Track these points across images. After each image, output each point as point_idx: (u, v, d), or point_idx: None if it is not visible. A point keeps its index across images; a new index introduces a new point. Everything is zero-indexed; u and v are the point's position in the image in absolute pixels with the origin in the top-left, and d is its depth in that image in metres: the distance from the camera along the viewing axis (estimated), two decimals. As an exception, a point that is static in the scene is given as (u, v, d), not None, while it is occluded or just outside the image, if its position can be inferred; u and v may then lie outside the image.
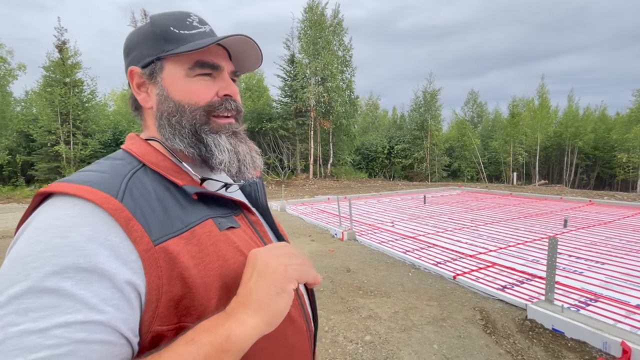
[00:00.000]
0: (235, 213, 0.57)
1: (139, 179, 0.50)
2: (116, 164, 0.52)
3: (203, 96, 0.56)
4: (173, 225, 0.47)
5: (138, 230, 0.43)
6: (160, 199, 0.49)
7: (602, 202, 9.95)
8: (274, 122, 20.75)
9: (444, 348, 2.56)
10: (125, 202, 0.44)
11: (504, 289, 3.53)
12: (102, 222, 0.41)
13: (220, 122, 0.57)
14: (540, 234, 5.98)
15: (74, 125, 17.53)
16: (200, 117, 0.55)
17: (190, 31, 0.56)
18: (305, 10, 20.51)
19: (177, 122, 0.55)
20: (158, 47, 0.55)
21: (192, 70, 0.55)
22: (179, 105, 0.55)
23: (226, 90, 0.57)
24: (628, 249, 4.97)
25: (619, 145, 25.89)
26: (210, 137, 0.56)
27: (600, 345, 2.43)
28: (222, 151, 0.56)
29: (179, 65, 0.55)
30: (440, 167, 26.40)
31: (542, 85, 28.33)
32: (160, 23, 0.56)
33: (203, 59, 0.55)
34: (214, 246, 0.50)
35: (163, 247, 0.44)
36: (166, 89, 0.55)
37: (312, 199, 11.37)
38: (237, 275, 0.49)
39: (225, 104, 0.57)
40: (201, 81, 0.56)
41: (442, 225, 6.90)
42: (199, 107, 0.55)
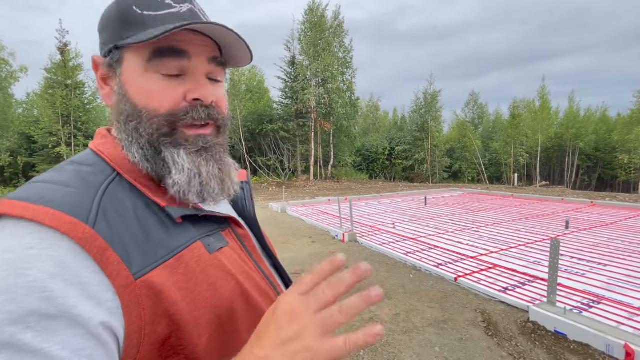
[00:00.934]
0: (222, 228, 0.50)
1: (114, 194, 0.41)
2: (84, 172, 0.42)
3: (164, 100, 0.44)
4: (156, 252, 0.39)
5: (115, 263, 0.36)
6: (140, 220, 0.40)
7: (603, 203, 9.91)
8: (274, 124, 20.79)
9: (445, 350, 2.54)
10: (98, 228, 0.36)
11: (506, 291, 3.51)
12: (69, 255, 0.33)
13: (188, 133, 0.45)
14: (541, 235, 5.96)
15: (75, 127, 17.60)
16: (159, 127, 0.44)
17: (157, 12, 0.44)
18: (305, 12, 20.57)
19: (134, 129, 0.44)
20: (118, 32, 0.44)
21: (151, 63, 0.43)
22: (136, 109, 0.44)
23: (194, 93, 0.45)
24: (630, 250, 4.94)
25: (621, 146, 25.86)
26: (169, 151, 0.45)
27: (603, 347, 2.41)
28: (179, 170, 0.44)
29: (137, 57, 0.43)
30: (441, 169, 26.38)
31: (542, 87, 28.35)
32: (123, 1, 0.45)
33: (162, 44, 0.42)
34: (204, 273, 0.42)
35: (145, 281, 0.37)
36: (124, 86, 0.45)
37: (312, 201, 11.36)
38: (229, 304, 0.44)
39: (191, 112, 0.45)
40: (163, 81, 0.44)
41: (443, 226, 6.88)
42: (159, 114, 0.44)
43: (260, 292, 0.49)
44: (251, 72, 24.01)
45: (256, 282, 0.49)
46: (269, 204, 10.39)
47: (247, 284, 0.47)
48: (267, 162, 21.44)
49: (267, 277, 0.53)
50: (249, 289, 0.47)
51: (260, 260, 0.54)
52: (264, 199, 12.31)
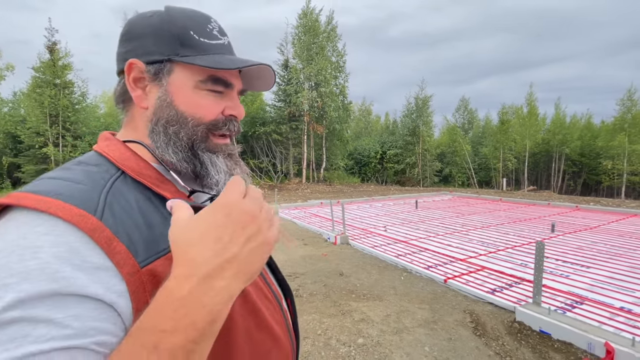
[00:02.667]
0: None
1: (119, 190, 0.44)
2: (91, 171, 0.45)
3: (209, 112, 0.52)
4: (158, 244, 0.43)
5: (122, 252, 0.38)
6: (143, 214, 0.44)
7: (588, 207, 10.20)
8: (267, 126, 20.77)
9: (435, 350, 2.60)
10: (105, 220, 0.39)
11: (494, 292, 3.60)
12: (79, 243, 0.36)
13: (217, 141, 0.54)
14: (528, 238, 6.11)
15: (64, 127, 17.26)
16: (201, 133, 0.52)
17: (210, 40, 0.52)
18: (299, 16, 20.70)
19: (174, 133, 0.51)
20: (171, 48, 0.50)
21: (204, 84, 0.51)
22: (182, 116, 0.51)
23: (233, 111, 0.55)
24: (612, 253, 5.11)
25: (604, 152, 26.60)
26: (207, 155, 0.53)
27: (585, 346, 2.51)
28: (218, 172, 0.53)
29: (190, 74, 0.50)
30: (431, 173, 26.70)
31: (530, 93, 29.04)
32: (179, 22, 0.51)
33: (218, 75, 0.51)
34: None
35: (150, 270, 0.40)
36: (171, 95, 0.50)
37: (305, 203, 11.38)
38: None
39: (229, 125, 0.54)
40: (210, 96, 0.52)
41: (434, 229, 6.98)
42: (203, 122, 0.52)
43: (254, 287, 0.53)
44: (244, 74, 23.96)
45: (259, 285, 0.54)
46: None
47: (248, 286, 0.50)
48: (260, 165, 21.39)
49: (262, 275, 0.57)
50: (250, 291, 0.51)
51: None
52: (256, 201, 12.26)
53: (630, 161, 24.53)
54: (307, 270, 4.46)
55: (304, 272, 4.39)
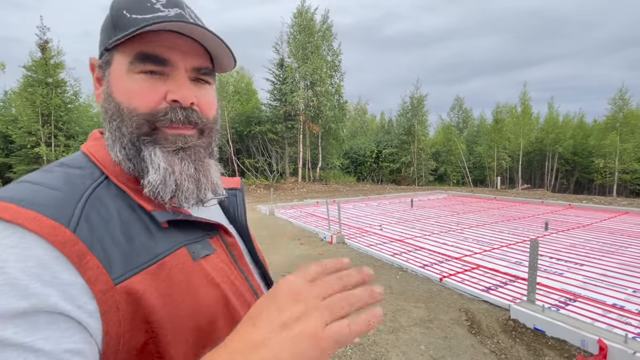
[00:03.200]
0: (210, 235, 0.49)
1: (100, 198, 0.41)
2: (72, 175, 0.42)
3: (144, 100, 0.44)
4: (138, 257, 0.39)
5: (94, 268, 0.35)
6: (124, 224, 0.40)
7: (580, 205, 10.33)
8: (262, 126, 20.69)
9: (430, 349, 2.61)
10: (80, 232, 0.36)
11: (489, 290, 3.62)
12: (48, 257, 0.33)
13: (168, 132, 0.46)
14: (522, 236, 6.16)
15: (56, 127, 17.04)
16: (139, 126, 0.45)
17: (145, 14, 0.44)
18: (294, 15, 20.63)
19: (117, 128, 0.45)
20: (108, 36, 0.46)
21: (134, 65, 0.44)
22: (119, 108, 0.45)
23: (174, 94, 0.45)
24: (605, 250, 5.18)
25: (596, 151, 26.93)
26: (147, 149, 0.45)
27: (579, 343, 2.54)
28: (155, 169, 0.44)
29: (122, 59, 0.45)
30: (427, 171, 26.82)
31: (524, 93, 29.30)
32: (116, 5, 0.46)
33: (145, 50, 0.43)
34: (186, 281, 0.42)
35: (125, 287, 0.37)
36: (110, 86, 0.46)
37: (301, 203, 11.37)
38: (210, 313, 0.43)
39: (170, 114, 0.45)
40: (144, 81, 0.44)
41: (429, 228, 7.02)
42: (139, 113, 0.44)
43: (243, 303, 0.48)
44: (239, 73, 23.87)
45: (240, 292, 0.48)
46: (257, 206, 10.33)
47: (230, 294, 0.46)
48: (255, 164, 21.31)
49: (253, 288, 0.52)
50: (232, 299, 0.46)
51: (248, 270, 0.53)
52: (251, 201, 12.24)
53: (622, 160, 24.88)
54: (303, 269, 4.46)
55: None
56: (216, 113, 0.52)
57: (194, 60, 0.47)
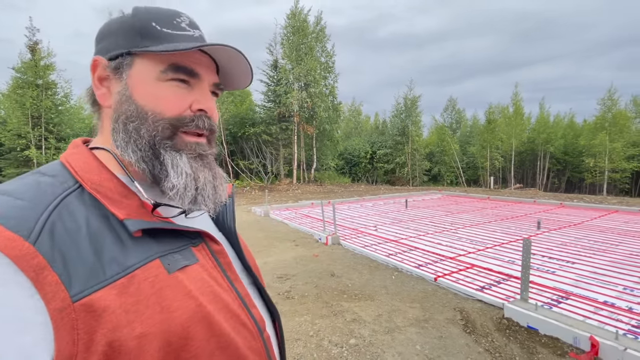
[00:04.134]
0: (193, 244, 0.48)
1: (68, 208, 0.39)
2: (43, 183, 0.41)
3: (172, 106, 0.47)
4: (105, 271, 0.37)
5: (52, 284, 0.34)
6: (92, 236, 0.39)
7: (572, 204, 10.48)
8: (257, 127, 20.64)
9: (426, 349, 2.63)
10: (40, 245, 0.34)
11: (483, 290, 3.66)
12: (2, 272, 0.32)
13: (187, 139, 0.48)
14: (515, 235, 6.23)
15: (46, 129, 16.79)
16: (163, 129, 0.47)
17: (174, 31, 0.48)
18: (288, 16, 20.65)
19: (134, 129, 0.46)
20: (132, 41, 0.47)
21: (165, 74, 0.46)
22: (141, 110, 0.46)
23: (200, 104, 0.48)
24: (595, 248, 5.26)
25: (587, 150, 27.35)
26: (169, 154, 0.47)
27: (571, 340, 2.57)
28: (178, 174, 0.46)
29: (151, 65, 0.47)
30: (421, 172, 26.98)
31: (516, 93, 29.64)
32: (142, 15, 0.48)
33: (179, 63, 0.47)
34: (157, 295, 0.40)
35: (84, 304, 0.35)
36: (130, 89, 0.47)
37: (295, 204, 11.36)
38: (183, 330, 0.40)
39: (197, 121, 0.48)
40: (174, 88, 0.47)
41: (423, 228, 7.06)
42: (165, 117, 0.46)
43: (228, 314, 0.46)
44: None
45: (225, 303, 0.47)
46: (251, 208, 10.29)
47: (211, 306, 0.44)
48: (250, 166, 21.23)
49: (241, 297, 0.50)
50: (213, 312, 0.44)
51: (236, 279, 0.52)
52: (246, 202, 12.18)
53: (611, 159, 25.31)
54: (299, 271, 4.45)
55: (295, 273, 4.37)
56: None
57: (214, 76, 0.52)
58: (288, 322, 3.07)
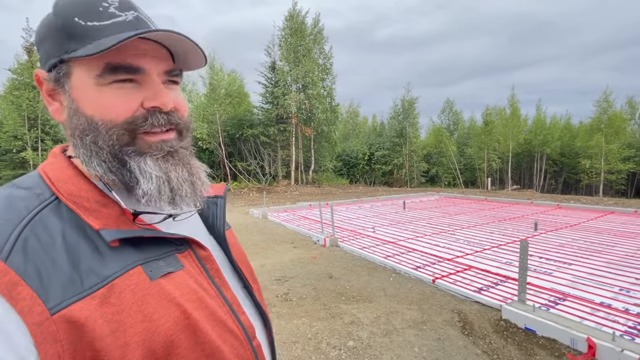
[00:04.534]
0: (179, 250, 0.47)
1: (43, 222, 0.38)
2: (16, 197, 0.40)
3: (120, 110, 0.43)
4: (83, 282, 0.37)
5: (27, 298, 0.33)
6: (69, 248, 0.38)
7: (568, 205, 10.53)
8: (255, 129, 20.63)
9: (424, 351, 2.63)
10: (12, 261, 0.34)
11: (480, 291, 3.66)
12: None
13: (150, 139, 0.45)
14: (513, 237, 6.25)
15: (43, 131, 16.73)
16: (119, 137, 0.43)
17: (102, 22, 0.42)
18: (286, 18, 20.69)
19: (91, 142, 0.43)
20: (61, 45, 0.42)
21: (103, 78, 0.42)
22: (92, 121, 0.43)
23: (152, 101, 0.44)
24: (592, 250, 5.29)
25: (583, 152, 27.53)
26: (134, 160, 0.44)
27: (569, 341, 2.58)
28: (147, 178, 0.44)
29: (86, 71, 0.42)
30: (418, 173, 27.05)
31: (512, 95, 29.85)
32: (62, 11, 0.43)
33: (116, 61, 0.42)
34: (139, 303, 0.39)
35: (64, 315, 0.34)
36: (75, 101, 0.43)
37: (294, 206, 11.35)
38: (167, 338, 0.40)
39: (151, 119, 0.44)
40: (117, 91, 0.43)
41: (421, 230, 7.07)
42: (116, 124, 0.43)
43: (214, 322, 0.45)
44: (230, 76, 23.78)
45: (212, 310, 0.46)
46: (249, 209, 10.27)
47: (197, 313, 0.43)
48: (247, 167, 21.20)
49: (229, 304, 0.49)
50: (199, 319, 0.43)
51: (223, 284, 0.50)
52: (244, 204, 12.16)
53: (607, 160, 25.49)
54: (297, 273, 4.44)
55: (294, 275, 4.37)
56: (189, 112, 0.51)
57: (164, 64, 0.46)
58: (286, 324, 3.06)
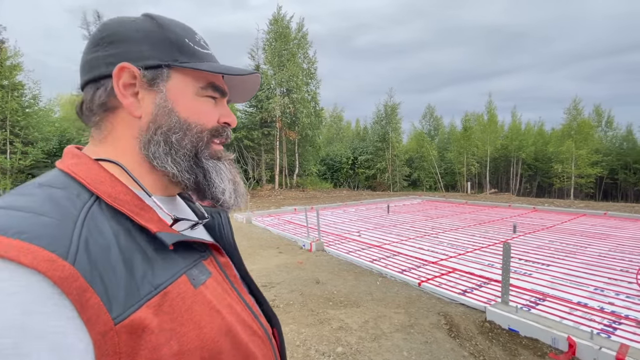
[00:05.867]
0: (203, 257, 0.48)
1: (95, 223, 0.37)
2: (57, 196, 0.37)
3: (210, 119, 0.51)
4: (139, 290, 0.36)
5: (94, 306, 0.32)
6: (123, 251, 0.37)
7: (544, 208, 10.98)
8: (238, 132, 20.39)
9: (413, 354, 2.64)
10: (79, 264, 0.32)
11: (465, 293, 3.74)
12: (43, 299, 0.29)
13: (217, 148, 0.53)
14: (493, 239, 6.44)
15: (12, 133, 15.84)
16: (203, 139, 0.50)
17: (202, 49, 0.51)
18: (270, 22, 20.69)
19: (177, 141, 0.47)
20: (169, 54, 0.47)
21: (204, 90, 0.50)
22: (185, 122, 0.48)
23: (228, 118, 0.54)
24: (567, 251, 5.52)
25: (555, 157, 28.89)
26: (210, 162, 0.50)
27: (550, 341, 2.66)
28: (223, 180, 0.51)
29: (190, 81, 0.49)
30: (401, 177, 27.51)
31: (489, 102, 30.99)
32: (172, 29, 0.49)
33: (217, 83, 0.51)
34: (189, 311, 0.40)
35: (126, 325, 0.34)
36: (171, 102, 0.47)
37: (278, 210, 11.25)
38: (215, 344, 0.40)
39: (226, 132, 0.54)
40: (208, 103, 0.51)
41: (406, 233, 7.16)
42: (206, 129, 0.50)
43: (243, 326, 0.47)
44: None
45: (239, 315, 0.47)
46: (233, 214, 10.09)
47: (231, 319, 0.45)
48: (230, 171, 20.91)
49: (250, 308, 0.51)
50: (234, 325, 0.45)
51: (242, 290, 0.52)
52: (227, 209, 11.94)
53: (577, 165, 26.82)
54: (283, 279, 4.38)
55: (280, 281, 4.30)
56: None
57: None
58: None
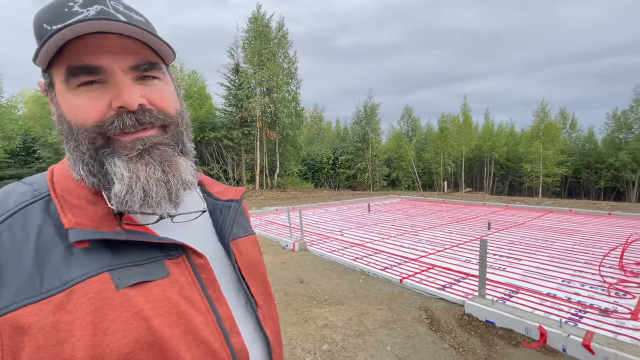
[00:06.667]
0: (170, 256, 0.44)
1: (26, 217, 0.38)
2: (15, 192, 0.42)
3: (88, 114, 0.41)
4: (43, 284, 0.35)
5: None
6: (40, 246, 0.37)
7: (515, 206, 11.52)
8: (217, 132, 20.04)
9: (396, 349, 2.71)
10: None
11: (444, 288, 3.87)
12: None
13: (125, 139, 0.43)
14: (469, 236, 6.69)
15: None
16: (92, 140, 0.42)
17: (64, 21, 0.39)
18: (250, 20, 20.44)
19: (75, 148, 0.43)
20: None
21: (69, 82, 0.41)
22: (71, 126, 0.42)
23: (117, 101, 0.41)
24: (537, 245, 5.83)
25: (525, 157, 30.39)
26: (108, 161, 0.43)
27: (523, 330, 2.82)
28: (118, 179, 0.42)
29: (58, 77, 0.42)
30: (380, 177, 28.01)
31: (465, 104, 32.16)
32: (36, 19, 0.42)
33: (73, 63, 0.40)
34: (94, 314, 0.36)
35: (10, 319, 0.33)
36: (60, 107, 0.43)
37: (259, 211, 11.14)
38: (122, 356, 0.36)
39: (117, 122, 0.41)
40: (84, 94, 0.41)
41: (386, 231, 7.31)
42: (87, 128, 0.41)
43: (193, 341, 0.41)
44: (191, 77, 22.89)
45: (193, 327, 0.42)
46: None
47: (169, 331, 0.40)
48: (210, 172, 20.48)
49: (220, 321, 0.45)
50: (170, 338, 0.39)
51: (219, 298, 0.46)
52: (206, 210, 11.68)
53: (545, 165, 28.35)
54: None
55: (264, 281, 4.28)
56: (178, 106, 0.49)
57: (128, 59, 0.42)
58: (259, 332, 2.99)
